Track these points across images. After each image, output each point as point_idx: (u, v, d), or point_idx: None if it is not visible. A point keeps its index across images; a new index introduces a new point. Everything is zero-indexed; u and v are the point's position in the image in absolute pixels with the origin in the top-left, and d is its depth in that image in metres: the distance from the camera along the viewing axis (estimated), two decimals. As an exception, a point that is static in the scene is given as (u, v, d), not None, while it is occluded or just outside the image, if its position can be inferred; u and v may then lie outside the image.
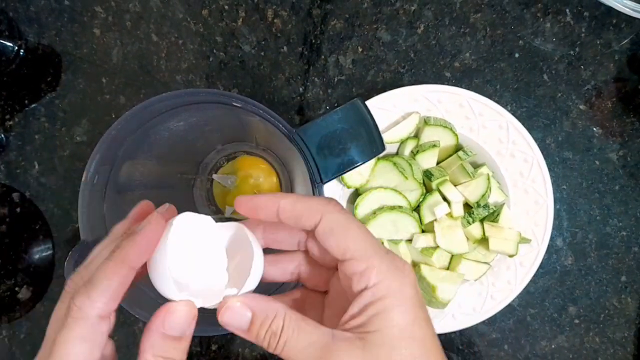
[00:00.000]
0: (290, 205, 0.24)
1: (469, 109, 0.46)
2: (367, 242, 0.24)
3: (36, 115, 0.53)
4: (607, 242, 0.50)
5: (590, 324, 0.50)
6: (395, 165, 0.46)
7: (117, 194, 0.39)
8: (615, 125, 0.50)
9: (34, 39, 0.52)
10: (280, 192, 0.24)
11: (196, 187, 0.50)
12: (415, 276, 0.24)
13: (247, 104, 0.33)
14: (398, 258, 0.25)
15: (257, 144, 0.49)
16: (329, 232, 0.24)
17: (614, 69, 0.50)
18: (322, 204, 0.25)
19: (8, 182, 0.53)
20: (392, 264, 0.24)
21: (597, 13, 0.49)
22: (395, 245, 0.46)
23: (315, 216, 0.24)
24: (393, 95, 0.46)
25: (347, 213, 0.25)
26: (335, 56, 0.51)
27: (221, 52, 0.51)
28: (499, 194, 0.46)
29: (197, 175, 0.50)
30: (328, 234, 0.24)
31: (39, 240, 0.53)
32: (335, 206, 0.25)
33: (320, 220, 0.24)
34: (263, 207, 0.25)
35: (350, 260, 0.24)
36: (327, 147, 0.33)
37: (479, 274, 0.46)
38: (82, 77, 0.52)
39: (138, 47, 0.52)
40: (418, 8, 0.50)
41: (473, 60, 0.50)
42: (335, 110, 0.33)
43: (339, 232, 0.24)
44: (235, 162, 0.51)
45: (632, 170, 0.50)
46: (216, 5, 0.51)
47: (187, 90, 0.33)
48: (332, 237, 0.24)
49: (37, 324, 0.52)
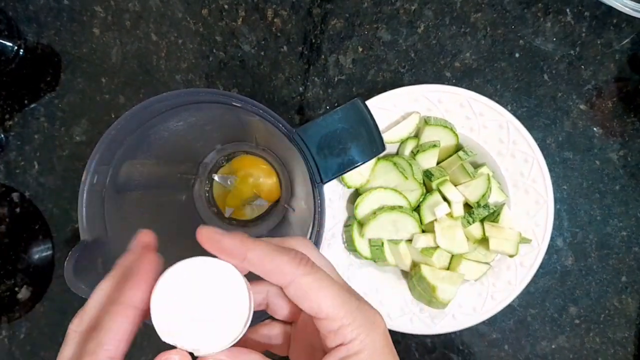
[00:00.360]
0: (257, 261, 0.24)
1: (469, 109, 0.46)
2: (339, 300, 0.24)
3: (35, 115, 0.53)
4: (608, 242, 0.50)
5: (591, 324, 0.50)
6: (396, 165, 0.46)
7: (116, 193, 0.38)
8: (615, 125, 0.50)
9: (33, 39, 0.52)
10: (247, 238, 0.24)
11: (196, 187, 0.50)
12: (384, 324, 0.26)
13: (247, 103, 0.33)
14: (368, 307, 0.25)
15: (257, 144, 0.49)
16: (301, 295, 0.24)
17: (614, 69, 0.49)
18: (293, 265, 0.24)
19: (7, 182, 0.53)
20: (364, 318, 0.25)
21: (598, 13, 0.49)
22: (395, 245, 0.46)
23: (285, 278, 0.24)
24: (393, 95, 0.46)
25: (317, 272, 0.25)
26: (336, 56, 0.51)
27: (221, 51, 0.51)
28: (499, 194, 0.46)
29: (197, 175, 0.50)
30: (300, 297, 0.24)
31: (39, 240, 0.53)
32: (306, 266, 0.24)
33: (290, 283, 0.24)
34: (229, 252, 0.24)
35: (324, 320, 0.24)
36: (327, 147, 0.33)
37: (479, 274, 0.46)
38: (82, 77, 0.52)
39: (137, 46, 0.52)
40: (418, 7, 0.50)
41: (473, 60, 0.50)
42: (335, 110, 0.33)
43: (311, 295, 0.24)
44: (235, 162, 0.51)
45: (633, 170, 0.50)
46: (216, 4, 0.51)
47: (186, 90, 0.33)
48: (304, 300, 0.24)
49: (37, 324, 0.52)
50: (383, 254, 0.46)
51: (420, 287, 0.45)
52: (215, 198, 0.51)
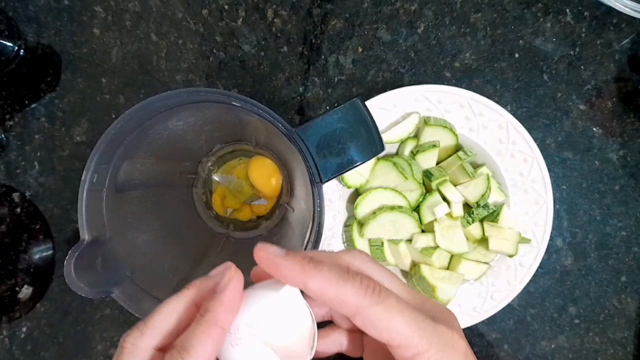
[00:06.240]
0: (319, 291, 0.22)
1: (469, 109, 0.46)
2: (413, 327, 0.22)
3: (36, 115, 0.53)
4: (607, 242, 0.50)
5: (591, 324, 0.50)
6: (395, 165, 0.46)
7: (116, 193, 0.39)
8: (615, 125, 0.50)
9: (33, 39, 0.52)
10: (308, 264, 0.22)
11: (195, 186, 0.50)
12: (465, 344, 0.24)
13: (247, 103, 0.33)
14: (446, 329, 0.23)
15: (257, 144, 0.49)
16: (369, 326, 0.22)
17: (614, 69, 0.49)
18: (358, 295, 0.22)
19: (8, 182, 0.53)
20: (442, 342, 0.23)
21: (598, 13, 0.49)
22: (395, 245, 0.46)
23: (350, 309, 0.22)
24: (393, 95, 0.46)
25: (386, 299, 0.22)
26: (335, 56, 0.51)
27: (221, 51, 0.51)
28: (499, 194, 0.46)
29: (197, 175, 0.50)
30: (368, 328, 0.22)
31: (39, 240, 0.53)
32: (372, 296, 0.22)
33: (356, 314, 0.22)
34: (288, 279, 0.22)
35: (398, 348, 0.22)
36: (327, 146, 0.33)
37: (479, 274, 0.46)
38: (82, 77, 0.52)
39: (137, 46, 0.52)
40: (418, 8, 0.50)
41: (473, 60, 0.50)
42: (335, 110, 0.33)
43: (380, 325, 0.22)
44: (235, 161, 0.51)
45: (632, 170, 0.50)
46: (216, 4, 0.51)
47: (186, 90, 0.33)
48: (373, 330, 0.22)
49: (37, 324, 0.52)
50: (383, 254, 0.46)
51: (420, 287, 0.45)
52: (215, 197, 0.51)
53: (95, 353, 0.52)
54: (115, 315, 0.52)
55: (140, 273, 0.38)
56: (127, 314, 0.35)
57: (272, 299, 0.23)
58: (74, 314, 0.52)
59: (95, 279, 0.34)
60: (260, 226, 0.51)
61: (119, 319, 0.52)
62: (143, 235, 0.42)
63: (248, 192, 0.50)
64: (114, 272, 0.36)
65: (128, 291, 0.36)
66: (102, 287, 0.34)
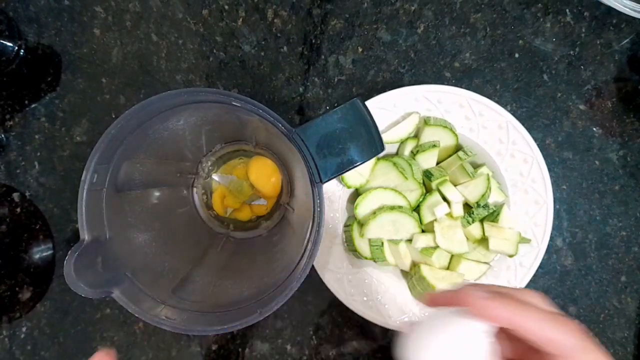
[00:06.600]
0: (538, 331, 0.23)
1: (469, 109, 0.46)
2: None
3: (36, 115, 0.53)
4: (607, 242, 0.50)
5: (590, 324, 0.50)
6: (395, 165, 0.46)
7: (116, 193, 0.39)
8: (615, 125, 0.50)
9: (33, 39, 0.52)
10: (519, 307, 0.24)
11: (195, 186, 0.50)
12: None
13: (247, 103, 0.33)
14: None
15: (257, 144, 0.49)
16: None
17: (614, 69, 0.49)
18: (579, 346, 0.23)
19: (8, 182, 0.53)
20: None
21: (597, 13, 0.49)
22: (395, 245, 0.46)
23: (564, 351, 0.24)
24: (393, 95, 0.46)
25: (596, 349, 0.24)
26: (335, 56, 0.51)
27: (221, 52, 0.51)
28: (499, 194, 0.46)
29: (197, 175, 0.50)
30: None
31: (39, 240, 0.53)
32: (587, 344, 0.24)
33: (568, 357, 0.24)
34: (497, 321, 0.24)
35: None
36: (327, 146, 0.33)
37: (479, 274, 0.46)
38: (82, 77, 0.52)
39: (138, 47, 0.52)
40: (418, 8, 0.50)
41: (473, 60, 0.50)
42: (335, 110, 0.33)
43: None
44: (235, 161, 0.51)
45: (632, 170, 0.50)
46: (216, 5, 0.51)
47: (186, 90, 0.33)
48: None
49: (38, 324, 0.52)
50: (383, 253, 0.46)
51: (420, 287, 0.45)
52: (215, 198, 0.51)
53: (95, 353, 0.52)
54: (115, 315, 0.52)
55: (140, 273, 0.38)
56: (127, 314, 0.35)
57: (464, 332, 0.24)
58: (74, 314, 0.52)
59: (95, 279, 0.34)
60: (260, 226, 0.51)
61: (119, 319, 0.52)
62: (143, 235, 0.42)
63: (248, 192, 0.50)
64: (114, 272, 0.36)
65: (128, 291, 0.36)
66: (102, 287, 0.34)
